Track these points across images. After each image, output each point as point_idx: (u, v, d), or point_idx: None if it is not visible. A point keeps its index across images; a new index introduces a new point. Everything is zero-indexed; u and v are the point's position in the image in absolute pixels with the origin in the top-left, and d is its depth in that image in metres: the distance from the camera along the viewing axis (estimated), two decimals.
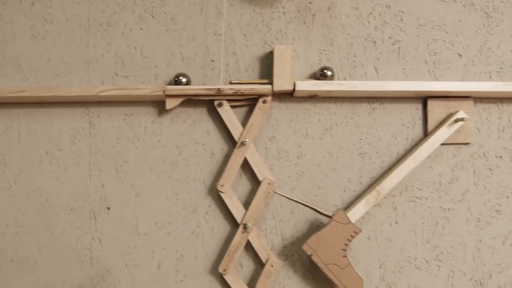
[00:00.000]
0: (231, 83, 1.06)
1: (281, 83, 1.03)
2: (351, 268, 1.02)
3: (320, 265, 1.02)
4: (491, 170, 1.10)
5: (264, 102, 1.05)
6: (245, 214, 1.05)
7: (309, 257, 1.03)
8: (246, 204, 1.07)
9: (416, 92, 1.05)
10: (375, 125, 1.10)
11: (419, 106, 1.10)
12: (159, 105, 1.08)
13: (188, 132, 1.09)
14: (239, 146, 1.05)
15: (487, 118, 1.10)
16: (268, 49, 1.09)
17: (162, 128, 1.09)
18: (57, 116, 1.08)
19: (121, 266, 1.08)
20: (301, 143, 1.09)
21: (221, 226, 1.08)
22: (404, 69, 1.10)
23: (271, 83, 1.04)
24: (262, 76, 1.09)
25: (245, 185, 1.08)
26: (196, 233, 1.08)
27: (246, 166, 1.07)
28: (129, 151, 1.08)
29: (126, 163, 1.08)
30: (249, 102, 1.06)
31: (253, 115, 1.05)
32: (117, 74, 1.09)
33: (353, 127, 1.10)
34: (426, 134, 1.09)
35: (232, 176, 1.05)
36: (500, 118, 1.10)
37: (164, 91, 1.02)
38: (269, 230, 1.08)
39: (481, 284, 1.09)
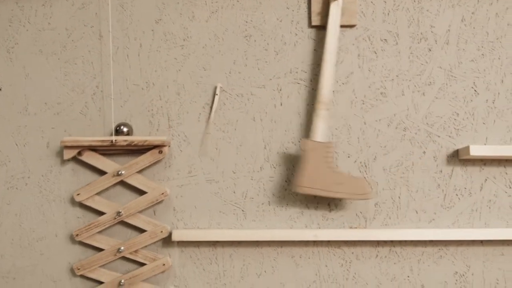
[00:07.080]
0: None
1: None
2: (350, 176, 1.03)
3: (322, 193, 1.02)
4: (376, 53, 1.11)
5: (160, 152, 1.05)
6: (125, 205, 1.06)
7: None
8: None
9: None
10: (260, 8, 1.11)
11: None
12: None
13: (77, 15, 1.11)
14: (114, 176, 1.06)
15: (372, 2, 1.11)
16: None
17: (52, 11, 1.11)
18: None
19: (11, 145, 1.10)
20: (187, 25, 1.11)
21: (108, 107, 1.10)
22: None
23: None
24: None
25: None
26: (84, 113, 1.10)
27: None
28: (20, 33, 1.11)
29: (17, 45, 1.11)
30: (143, 152, 1.07)
31: (144, 156, 1.06)
32: None
33: (238, 10, 1.11)
34: (310, 16, 1.10)
35: (93, 192, 1.06)
36: (385, 2, 1.11)
37: None
38: (155, 111, 1.10)
39: (365, 166, 1.10)
